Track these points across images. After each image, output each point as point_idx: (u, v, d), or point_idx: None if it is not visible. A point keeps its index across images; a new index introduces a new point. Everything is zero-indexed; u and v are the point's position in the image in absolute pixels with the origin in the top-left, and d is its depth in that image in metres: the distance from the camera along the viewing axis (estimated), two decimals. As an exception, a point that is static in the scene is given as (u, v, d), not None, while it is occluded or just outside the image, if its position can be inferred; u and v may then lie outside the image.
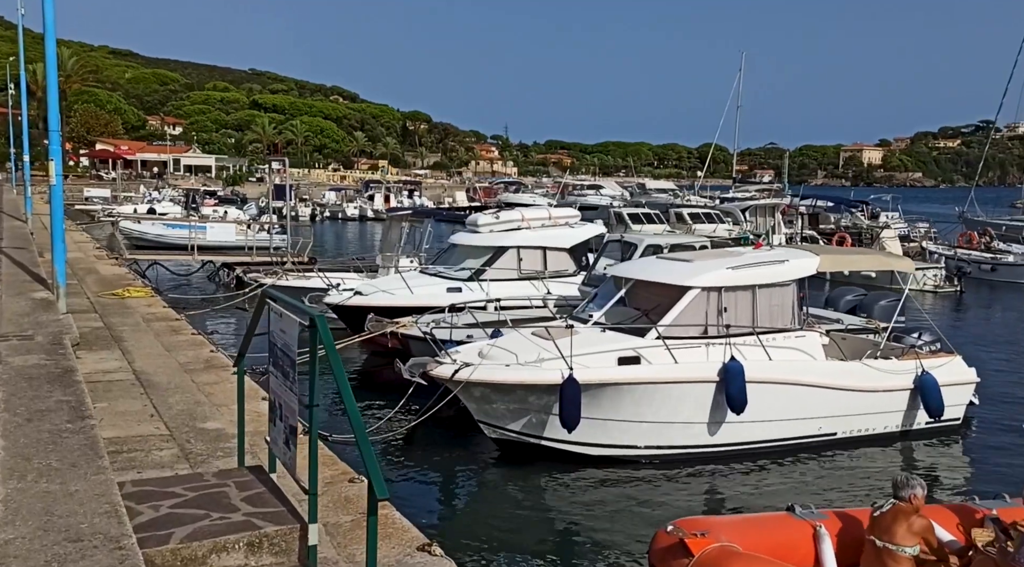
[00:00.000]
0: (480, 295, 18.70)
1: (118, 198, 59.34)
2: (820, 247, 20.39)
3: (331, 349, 5.31)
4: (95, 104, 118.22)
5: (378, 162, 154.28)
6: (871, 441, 13.55)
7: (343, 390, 5.04)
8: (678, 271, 13.24)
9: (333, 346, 5.32)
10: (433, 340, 13.39)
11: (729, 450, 12.67)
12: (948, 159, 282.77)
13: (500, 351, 12.23)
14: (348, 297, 19.23)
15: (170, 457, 8.70)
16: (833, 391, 12.93)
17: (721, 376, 12.15)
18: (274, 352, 6.16)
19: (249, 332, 7.04)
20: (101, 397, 10.76)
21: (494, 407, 12.17)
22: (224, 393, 11.29)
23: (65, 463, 5.79)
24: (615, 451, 12.35)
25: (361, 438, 4.87)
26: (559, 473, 12.24)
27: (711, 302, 12.83)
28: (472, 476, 12.76)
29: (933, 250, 37.15)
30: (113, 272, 23.82)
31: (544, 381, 11.66)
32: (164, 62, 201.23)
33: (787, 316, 13.37)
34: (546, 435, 12.27)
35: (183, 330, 15.57)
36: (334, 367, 5.21)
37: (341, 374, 5.18)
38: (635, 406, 12.08)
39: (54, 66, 13.84)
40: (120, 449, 8.86)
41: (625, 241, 17.88)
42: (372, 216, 73.05)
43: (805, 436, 13.05)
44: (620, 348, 12.24)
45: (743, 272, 13.09)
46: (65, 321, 11.40)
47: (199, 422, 9.95)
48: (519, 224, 20.92)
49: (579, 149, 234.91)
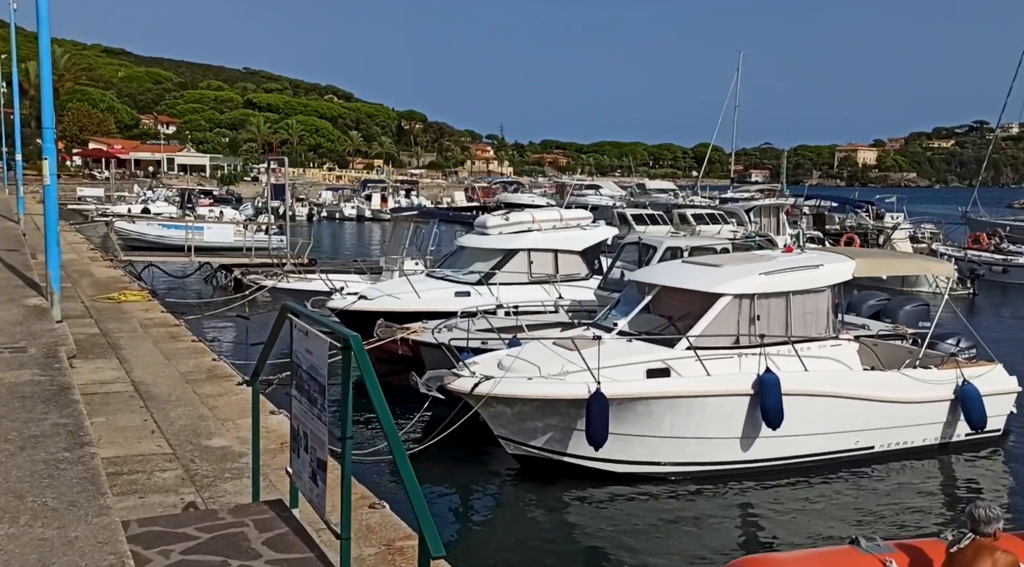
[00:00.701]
0: (490, 300, 18.01)
1: (111, 198, 58.58)
2: (854, 250, 19.70)
3: (369, 376, 4.62)
4: (88, 103, 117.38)
5: (373, 162, 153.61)
6: (910, 455, 12.89)
7: (386, 427, 4.35)
8: (708, 277, 12.55)
9: (372, 373, 4.64)
10: (450, 350, 12.71)
11: (762, 466, 12.00)
12: (942, 159, 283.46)
13: (521, 362, 11.54)
14: (353, 302, 18.51)
15: (174, 480, 8.03)
16: (871, 403, 12.27)
17: (756, 388, 11.48)
18: (297, 374, 5.47)
19: (267, 348, 6.36)
20: (99, 411, 10.09)
21: (516, 422, 11.48)
22: (229, 406, 10.64)
23: (63, 501, 5.10)
24: (643, 468, 11.67)
25: (411, 487, 4.17)
26: (583, 491, 11.56)
27: (743, 310, 12.15)
28: (490, 493, 12.09)
29: (943, 252, 36.49)
30: (108, 274, 23.14)
31: (570, 396, 10.97)
32: (157, 61, 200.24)
33: (821, 324, 12.69)
34: (570, 451, 11.58)
35: (183, 337, 14.92)
36: (373, 398, 4.52)
37: (383, 407, 4.50)
38: (665, 421, 11.41)
39: (48, 60, 13.13)
40: (120, 471, 8.19)
41: (643, 244, 17.18)
42: (370, 216, 72.30)
43: (841, 450, 12.38)
44: (649, 360, 11.56)
45: (777, 278, 12.41)
46: (60, 330, 10.68)
47: (203, 439, 9.30)
48: (529, 226, 20.21)
49: (574, 149, 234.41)
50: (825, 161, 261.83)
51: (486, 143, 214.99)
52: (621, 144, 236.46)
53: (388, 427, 4.41)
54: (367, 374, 4.62)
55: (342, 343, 4.83)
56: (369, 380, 4.60)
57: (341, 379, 4.85)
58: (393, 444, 4.36)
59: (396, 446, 4.35)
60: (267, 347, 6.34)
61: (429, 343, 14.46)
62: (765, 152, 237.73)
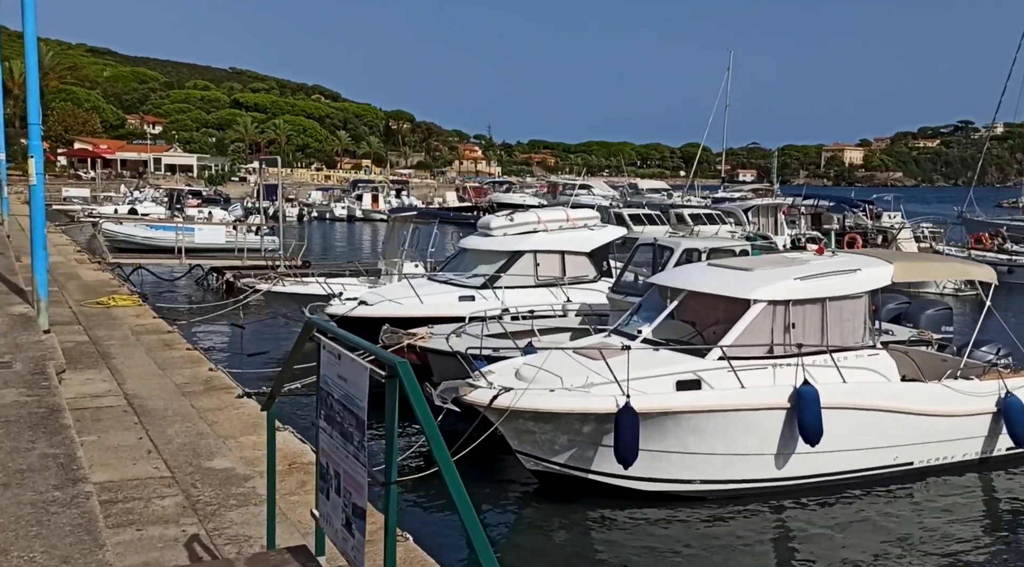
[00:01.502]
0: (495, 304, 17.25)
1: (98, 198, 57.63)
2: (892, 253, 18.99)
3: (422, 410, 3.89)
4: (73, 102, 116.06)
5: (361, 162, 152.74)
6: (950, 471, 12.19)
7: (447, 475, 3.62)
8: (740, 282, 11.80)
9: (425, 406, 3.90)
10: (466, 359, 11.95)
11: (797, 484, 11.26)
12: (928, 159, 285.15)
13: (542, 373, 10.75)
14: (353, 307, 17.71)
15: (174, 508, 7.26)
16: (912, 417, 11.55)
17: (793, 402, 10.74)
18: (327, 403, 4.72)
19: (286, 370, 5.60)
20: (90, 428, 9.31)
21: (537, 437, 10.73)
22: (229, 422, 9.88)
23: (54, 556, 4.33)
24: (672, 486, 10.93)
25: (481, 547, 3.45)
26: (608, 511, 10.82)
27: (777, 317, 11.40)
28: (508, 513, 11.31)
29: (947, 252, 35.89)
30: (96, 277, 22.31)
31: (597, 409, 10.22)
32: (143, 60, 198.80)
33: (858, 332, 11.96)
34: (594, 468, 10.83)
35: (177, 344, 14.14)
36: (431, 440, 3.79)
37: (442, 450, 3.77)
38: (696, 436, 10.67)
39: (34, 52, 12.30)
40: (114, 498, 7.41)
41: (659, 245, 16.42)
42: (361, 216, 71.44)
43: (880, 467, 11.65)
44: (679, 371, 10.80)
45: (812, 283, 11.67)
46: (48, 342, 9.86)
47: (204, 460, 8.53)
48: (535, 227, 19.43)
49: (562, 149, 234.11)
50: (812, 161, 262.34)
51: (474, 143, 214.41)
52: (609, 144, 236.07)
53: (448, 473, 3.68)
54: (419, 405, 3.89)
55: (387, 371, 4.09)
56: (422, 415, 3.88)
57: (385, 414, 4.13)
58: (453, 489, 3.65)
59: (459, 496, 3.64)
60: (287, 368, 5.58)
61: (440, 350, 13.69)
62: (752, 152, 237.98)
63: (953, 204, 49.37)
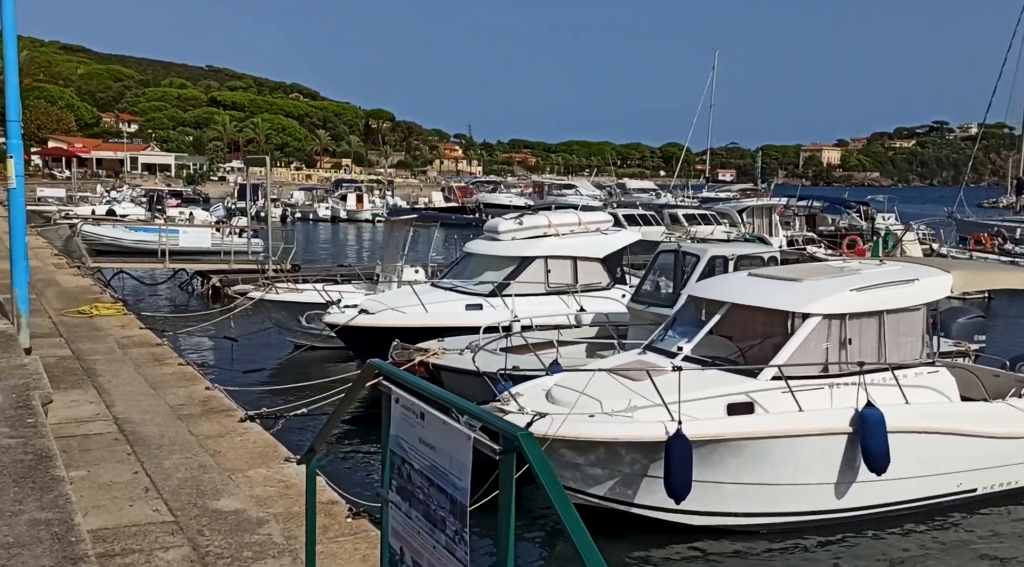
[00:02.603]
0: (504, 312, 16.21)
1: (74, 198, 56.10)
2: (948, 261, 18.03)
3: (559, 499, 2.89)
4: (46, 100, 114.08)
5: (341, 161, 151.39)
6: (1014, 497, 11.25)
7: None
8: (791, 294, 10.78)
9: (563, 494, 2.91)
10: (492, 379, 10.91)
11: (857, 515, 10.28)
12: (904, 159, 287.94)
13: (577, 395, 9.70)
14: (354, 316, 16.62)
15: (181, 562, 6.22)
16: (976, 440, 10.60)
17: (855, 426, 9.77)
18: (401, 473, 3.72)
19: (333, 419, 4.59)
20: (77, 460, 8.24)
21: (575, 467, 9.69)
22: (234, 450, 8.83)
23: None
24: (725, 520, 9.93)
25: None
26: (654, 548, 9.81)
27: (833, 332, 10.41)
28: (541, 551, 10.25)
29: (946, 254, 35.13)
30: (76, 283, 21.14)
31: (645, 437, 9.21)
32: (118, 58, 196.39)
33: (916, 348, 10.99)
34: (638, 501, 9.81)
35: (168, 359, 13.05)
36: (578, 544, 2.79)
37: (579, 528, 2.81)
38: (751, 465, 9.67)
39: (13, 41, 11.17)
40: (111, 550, 6.36)
41: (683, 252, 15.40)
42: (345, 217, 70.09)
43: (943, 495, 10.69)
44: (730, 392, 9.79)
45: (869, 294, 10.67)
46: (31, 367, 8.71)
47: (210, 499, 7.47)
48: (546, 231, 18.37)
49: (543, 148, 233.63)
50: (791, 161, 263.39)
51: (454, 142, 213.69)
52: (590, 143, 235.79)
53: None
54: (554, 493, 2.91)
55: (502, 444, 3.08)
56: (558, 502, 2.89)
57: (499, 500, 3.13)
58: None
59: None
60: (333, 418, 4.56)
61: (459, 369, 12.64)
62: (731, 151, 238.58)
63: (933, 204, 48.84)
